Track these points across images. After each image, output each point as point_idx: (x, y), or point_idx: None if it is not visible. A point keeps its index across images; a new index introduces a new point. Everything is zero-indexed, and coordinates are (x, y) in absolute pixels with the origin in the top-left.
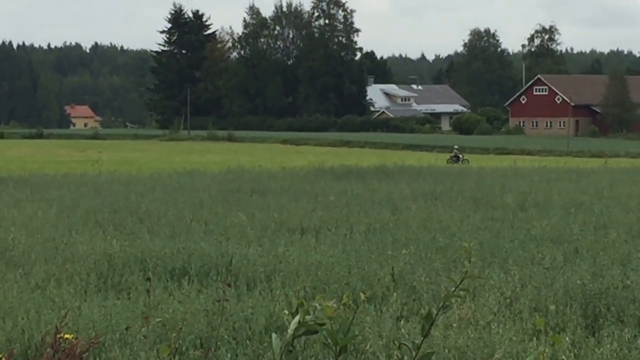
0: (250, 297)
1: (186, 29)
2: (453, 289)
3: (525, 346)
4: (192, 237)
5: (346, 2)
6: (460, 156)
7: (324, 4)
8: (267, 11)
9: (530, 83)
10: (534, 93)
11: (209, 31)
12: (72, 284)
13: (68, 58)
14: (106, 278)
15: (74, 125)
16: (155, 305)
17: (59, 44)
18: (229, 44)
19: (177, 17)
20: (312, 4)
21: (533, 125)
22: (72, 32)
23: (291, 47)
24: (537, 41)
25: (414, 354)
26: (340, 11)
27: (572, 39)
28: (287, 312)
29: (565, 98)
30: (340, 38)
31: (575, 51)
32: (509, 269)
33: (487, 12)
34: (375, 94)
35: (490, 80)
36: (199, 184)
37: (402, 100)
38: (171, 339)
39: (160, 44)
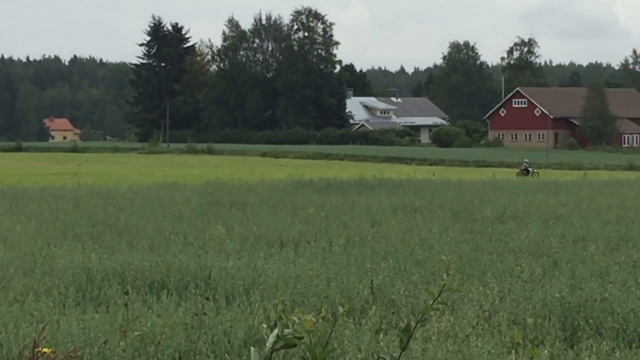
0: (229, 310)
1: (165, 41)
2: (431, 302)
3: (504, 359)
4: (171, 251)
5: (325, 15)
6: (530, 169)
7: (303, 17)
8: (246, 24)
9: (509, 96)
10: (513, 106)
11: (189, 44)
12: (51, 297)
13: (47, 71)
14: (85, 292)
15: (53, 138)
16: (133, 318)
17: (38, 57)
18: (209, 57)
19: (156, 29)
20: (292, 17)
21: (512, 138)
22: (51, 45)
23: (270, 59)
24: (516, 54)
25: None
26: (319, 24)
27: (551, 51)
28: (265, 325)
29: (544, 110)
30: (319, 51)
31: (554, 64)
32: (488, 282)
33: (466, 25)
34: (355, 106)
35: (469, 93)
36: (178, 197)
37: (381, 113)
38: (150, 352)
39: (139, 57)
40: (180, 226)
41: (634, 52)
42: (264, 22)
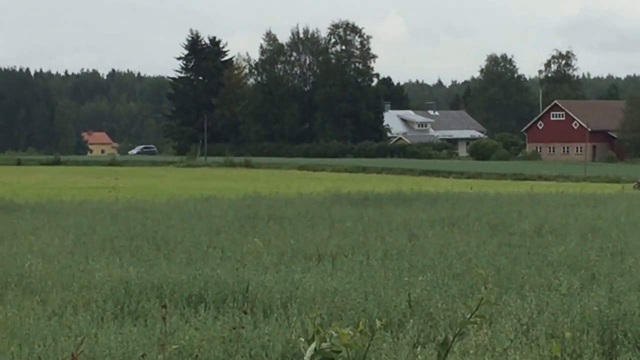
0: (267, 324)
1: (203, 55)
2: (469, 315)
3: None
4: (208, 264)
5: (363, 28)
6: None
7: (340, 30)
8: (283, 37)
9: (547, 109)
10: (551, 119)
11: (226, 57)
12: (89, 311)
13: (85, 85)
14: (123, 305)
15: (91, 151)
16: (171, 332)
17: (76, 71)
18: (246, 71)
19: (194, 43)
20: (329, 30)
21: (550, 151)
22: (89, 58)
23: (308, 73)
24: (553, 67)
25: None
26: (357, 37)
27: (589, 64)
28: (303, 339)
29: (582, 123)
30: (357, 64)
31: (592, 77)
32: (526, 295)
33: (503, 37)
34: (392, 119)
35: (507, 106)
36: (215, 211)
37: (419, 126)
38: None
39: (177, 71)
40: (217, 239)
41: None
42: (301, 35)
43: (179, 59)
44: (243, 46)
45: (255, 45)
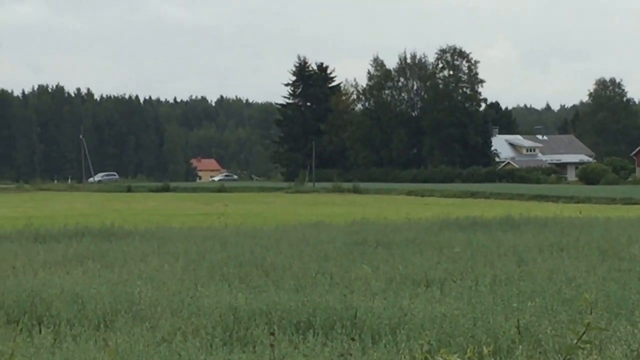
0: (375, 350)
1: (311, 81)
2: (576, 341)
3: None
4: (317, 290)
5: (470, 53)
6: None
7: (448, 55)
8: (391, 63)
9: None
10: None
11: (334, 83)
12: (198, 337)
13: (194, 111)
14: (231, 332)
15: (200, 178)
16: (280, 358)
17: (185, 98)
18: (354, 96)
19: (301, 69)
20: (436, 55)
21: None
22: (198, 85)
23: (415, 98)
24: None
25: None
26: (464, 62)
27: None
28: None
29: None
30: (464, 89)
31: None
32: (636, 321)
33: (612, 61)
34: (500, 144)
35: (616, 130)
36: (324, 237)
37: (527, 151)
38: None
39: (285, 97)
40: (326, 265)
41: None
42: (408, 61)
43: (286, 85)
44: (350, 72)
45: (362, 71)
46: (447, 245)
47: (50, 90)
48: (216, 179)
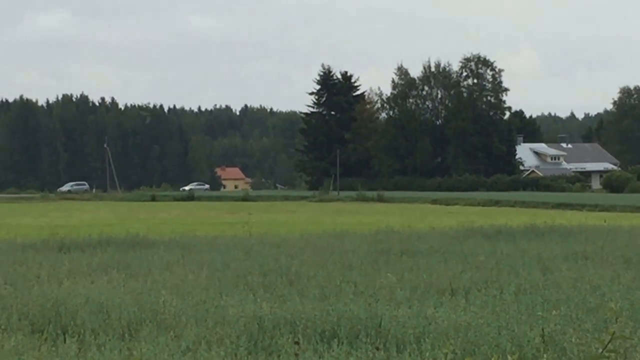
0: (400, 359)
1: (335, 90)
2: (601, 350)
3: None
4: (341, 299)
5: (494, 61)
6: None
7: (472, 63)
8: (415, 71)
9: None
10: None
11: (358, 92)
12: (223, 346)
13: (218, 120)
14: (256, 341)
15: (224, 187)
16: None
17: (209, 107)
18: (378, 105)
19: (326, 78)
20: (461, 64)
21: None
22: (222, 94)
23: (440, 107)
24: None
25: None
26: (488, 70)
27: None
28: None
29: None
30: (489, 97)
31: None
32: None
33: (636, 69)
34: (525, 152)
35: None
36: (348, 245)
37: (551, 159)
38: None
39: (309, 106)
40: (350, 274)
41: None
42: (433, 69)
43: (311, 94)
44: (374, 81)
45: (386, 80)
46: (471, 253)
47: (74, 99)
48: (187, 188)
